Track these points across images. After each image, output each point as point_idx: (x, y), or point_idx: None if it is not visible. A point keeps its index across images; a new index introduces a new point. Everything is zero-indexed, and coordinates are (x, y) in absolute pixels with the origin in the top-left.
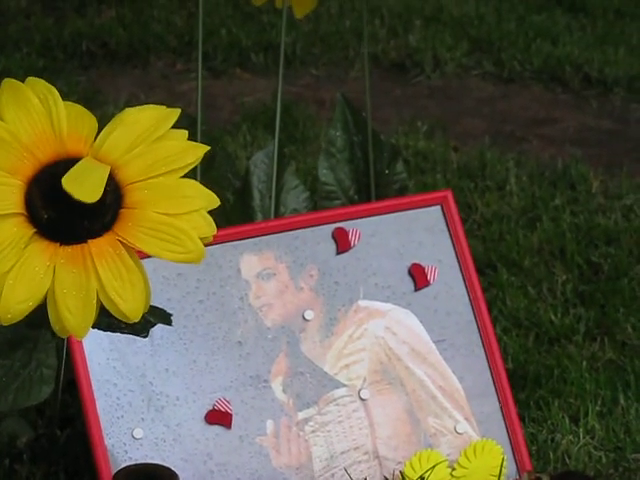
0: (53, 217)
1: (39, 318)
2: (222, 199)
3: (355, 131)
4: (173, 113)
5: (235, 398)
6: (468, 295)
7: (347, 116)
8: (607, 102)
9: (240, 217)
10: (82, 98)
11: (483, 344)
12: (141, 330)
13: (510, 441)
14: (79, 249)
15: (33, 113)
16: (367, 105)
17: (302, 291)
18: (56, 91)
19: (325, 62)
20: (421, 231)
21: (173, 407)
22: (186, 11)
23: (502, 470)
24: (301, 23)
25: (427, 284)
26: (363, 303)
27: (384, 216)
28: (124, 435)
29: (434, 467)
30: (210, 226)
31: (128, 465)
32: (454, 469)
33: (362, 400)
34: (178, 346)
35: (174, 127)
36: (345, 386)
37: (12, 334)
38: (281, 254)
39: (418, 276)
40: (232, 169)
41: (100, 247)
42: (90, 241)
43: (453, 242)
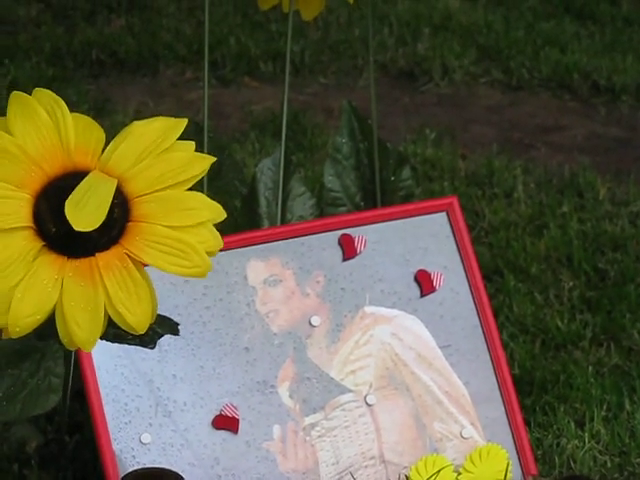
0: (61, 231)
1: (48, 330)
2: (229, 206)
3: (361, 138)
4: (180, 124)
5: (242, 403)
6: (474, 301)
7: (353, 123)
8: (615, 109)
9: (247, 224)
10: (91, 107)
11: (489, 349)
12: (149, 341)
13: (515, 446)
14: (87, 262)
15: (41, 126)
16: (373, 112)
17: (308, 297)
18: (63, 103)
19: (334, 70)
20: (427, 237)
21: (181, 412)
22: (195, 20)
23: (507, 475)
24: (310, 31)
25: (433, 290)
26: (369, 309)
27: (390, 223)
28: (132, 440)
29: (439, 471)
30: (217, 240)
31: (135, 469)
32: (460, 474)
33: (368, 405)
34: (185, 352)
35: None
36: (351, 391)
37: (20, 345)
38: (287, 260)
39: (424, 282)
40: (239, 176)
41: (107, 260)
42: (98, 254)
43: (459, 248)
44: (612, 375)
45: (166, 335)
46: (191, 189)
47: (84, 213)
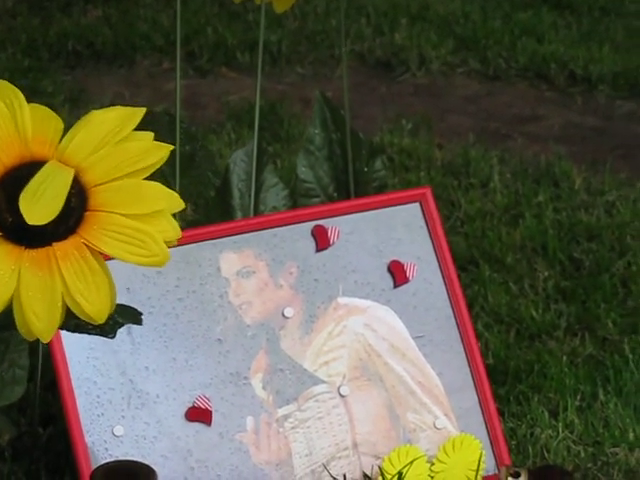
0: (18, 221)
1: (9, 320)
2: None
3: (334, 129)
4: (137, 113)
5: (215, 395)
6: (447, 291)
7: (326, 114)
8: (592, 99)
9: (220, 215)
10: (67, 98)
11: (462, 340)
12: (109, 331)
13: (489, 436)
14: (44, 252)
15: None
16: (346, 102)
17: (282, 288)
18: (20, 93)
19: (311, 60)
20: (400, 228)
21: (153, 404)
22: (172, 10)
23: (480, 465)
24: (287, 21)
25: (406, 281)
26: (342, 300)
27: (363, 213)
28: (104, 432)
29: (412, 462)
30: (175, 230)
31: (107, 462)
32: (433, 464)
33: (342, 396)
34: (158, 344)
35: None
36: (325, 383)
37: None
38: (261, 252)
39: (397, 273)
40: (212, 167)
41: (65, 250)
42: (55, 244)
43: (432, 239)
44: (586, 365)
45: (139, 327)
46: (162, 180)
47: (39, 206)
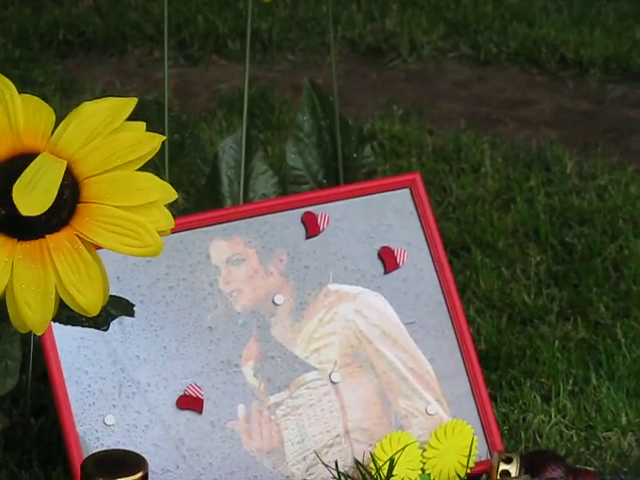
0: (11, 213)
1: (1, 313)
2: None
3: (323, 115)
4: (129, 103)
5: (206, 383)
6: (438, 277)
7: (314, 100)
8: (583, 83)
9: (209, 203)
10: (58, 87)
11: (453, 325)
12: (102, 323)
13: (481, 421)
14: (37, 244)
15: None
16: (334, 89)
17: (272, 276)
18: (13, 85)
19: (302, 48)
20: (390, 214)
21: (144, 393)
22: None
23: (472, 450)
24: (278, 9)
25: (396, 267)
26: (333, 287)
27: (353, 200)
28: (96, 422)
29: (404, 448)
30: (168, 219)
31: (97, 452)
32: (425, 450)
33: (333, 383)
34: (148, 333)
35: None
36: (316, 370)
37: None
38: (250, 239)
39: (387, 259)
40: (201, 155)
41: (58, 242)
42: (48, 236)
43: (422, 224)
44: (578, 349)
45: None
46: (151, 168)
47: (32, 197)
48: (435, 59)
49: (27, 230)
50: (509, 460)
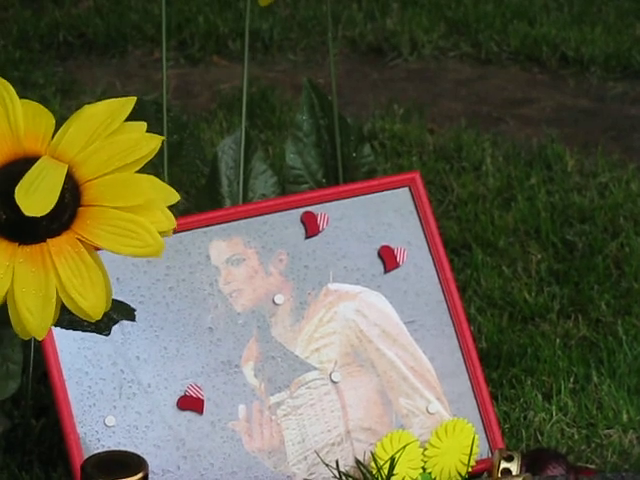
0: (11, 217)
1: (3, 317)
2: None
3: (322, 115)
4: (128, 103)
5: (206, 384)
6: (438, 276)
7: (313, 100)
8: (584, 81)
9: (209, 203)
10: (59, 89)
11: (453, 324)
12: (104, 328)
13: (482, 420)
14: (38, 248)
15: None
16: (333, 88)
17: (272, 276)
18: (12, 88)
19: (302, 47)
20: (390, 213)
21: (145, 394)
22: None
23: (473, 449)
24: (278, 9)
25: (396, 266)
26: (333, 286)
27: (352, 199)
28: (96, 423)
29: (405, 447)
30: (169, 220)
31: (97, 453)
32: (426, 449)
33: (334, 383)
34: (149, 333)
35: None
36: (316, 369)
37: None
38: (250, 239)
39: (387, 258)
40: (201, 155)
41: (59, 246)
42: (49, 240)
43: (422, 223)
44: (579, 347)
45: None
46: (150, 169)
47: (35, 198)
48: (436, 58)
49: (28, 234)
50: (510, 458)
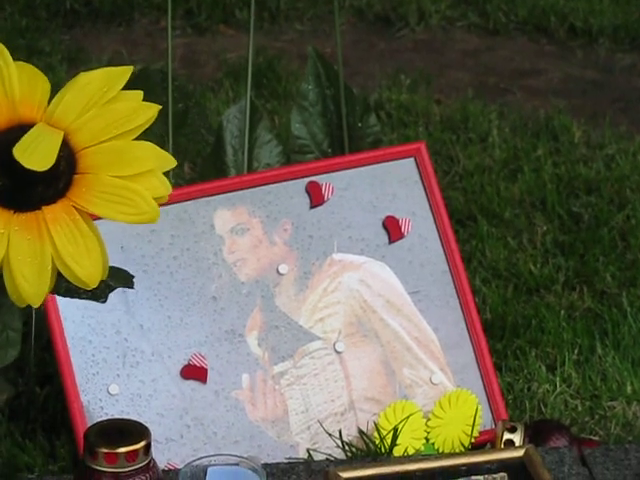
0: (6, 184)
1: (0, 284)
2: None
3: (327, 84)
4: (125, 72)
5: (210, 353)
6: (442, 246)
7: (319, 69)
8: (592, 52)
9: (213, 172)
10: (65, 57)
11: (458, 295)
12: (100, 295)
13: (485, 391)
14: (33, 216)
15: None
16: (339, 58)
17: (276, 245)
18: (6, 51)
19: (309, 17)
20: (395, 183)
21: (148, 363)
22: None
23: (477, 420)
24: None
25: (401, 236)
26: (337, 256)
27: (357, 169)
28: (100, 391)
29: (408, 418)
30: (165, 186)
31: (100, 421)
32: (429, 419)
33: (337, 353)
34: (153, 302)
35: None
36: (320, 339)
37: None
38: (255, 209)
39: (392, 228)
40: (206, 124)
41: (54, 213)
42: (44, 208)
43: (427, 194)
44: (584, 319)
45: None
46: (156, 138)
47: (34, 157)
48: (443, 28)
49: (23, 202)
50: (513, 429)
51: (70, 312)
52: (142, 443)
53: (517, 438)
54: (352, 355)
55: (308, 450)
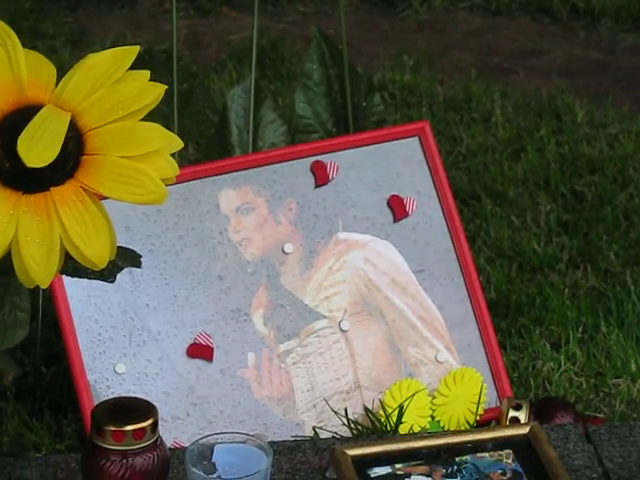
0: (15, 166)
1: (9, 265)
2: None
3: (332, 64)
4: (131, 52)
5: (216, 332)
6: (447, 225)
7: (323, 49)
8: (594, 32)
9: (218, 152)
10: (69, 39)
11: (462, 273)
12: (108, 275)
13: (490, 369)
14: (42, 197)
15: None
16: (343, 37)
17: (281, 224)
18: (15, 36)
19: None
20: (399, 162)
21: (154, 342)
22: None
23: (482, 398)
24: None
25: (406, 215)
26: (342, 235)
27: (362, 148)
28: (106, 370)
29: (414, 395)
30: (172, 166)
31: (107, 400)
32: (434, 397)
33: (343, 331)
34: (158, 281)
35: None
36: (326, 318)
37: None
38: (260, 188)
39: (397, 207)
40: (210, 104)
41: (63, 194)
42: (53, 189)
43: (431, 173)
44: (588, 297)
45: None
46: (161, 119)
47: (37, 149)
48: (446, 9)
49: (32, 183)
50: (518, 407)
51: (76, 292)
52: (149, 421)
53: (522, 416)
54: (357, 334)
55: (314, 428)
